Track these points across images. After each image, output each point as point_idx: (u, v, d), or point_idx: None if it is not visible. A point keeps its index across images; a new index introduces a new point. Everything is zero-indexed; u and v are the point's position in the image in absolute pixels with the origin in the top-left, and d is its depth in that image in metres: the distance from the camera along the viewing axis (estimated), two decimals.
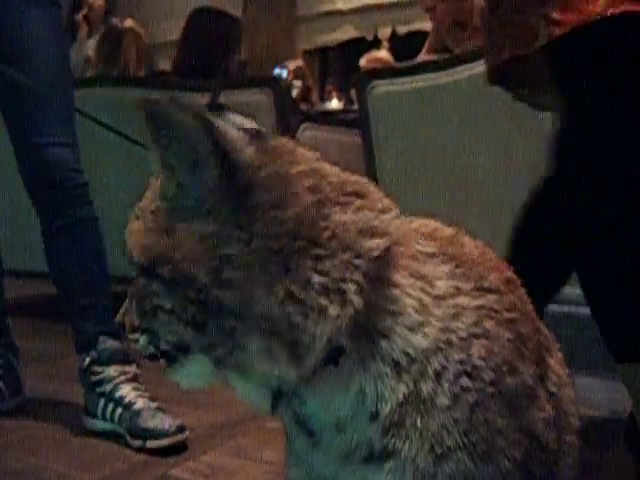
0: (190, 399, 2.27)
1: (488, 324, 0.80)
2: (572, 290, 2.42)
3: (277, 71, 4.33)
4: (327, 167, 0.79)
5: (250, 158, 0.73)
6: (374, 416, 0.76)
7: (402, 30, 6.88)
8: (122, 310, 0.83)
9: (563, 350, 1.00)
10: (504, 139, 2.61)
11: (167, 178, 0.75)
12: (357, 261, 0.74)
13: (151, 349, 0.80)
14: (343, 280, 0.73)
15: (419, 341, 0.77)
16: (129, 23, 3.52)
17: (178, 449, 1.87)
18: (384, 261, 0.76)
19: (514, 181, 2.59)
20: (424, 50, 3.42)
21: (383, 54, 5.61)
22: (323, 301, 0.72)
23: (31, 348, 2.78)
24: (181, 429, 1.89)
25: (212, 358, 0.75)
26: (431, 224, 0.88)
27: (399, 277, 0.77)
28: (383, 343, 0.75)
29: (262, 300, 0.71)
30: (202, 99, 3.24)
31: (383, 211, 0.79)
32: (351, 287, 0.73)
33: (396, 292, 0.77)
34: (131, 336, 0.81)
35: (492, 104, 2.60)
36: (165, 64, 4.66)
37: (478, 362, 0.78)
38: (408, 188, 2.72)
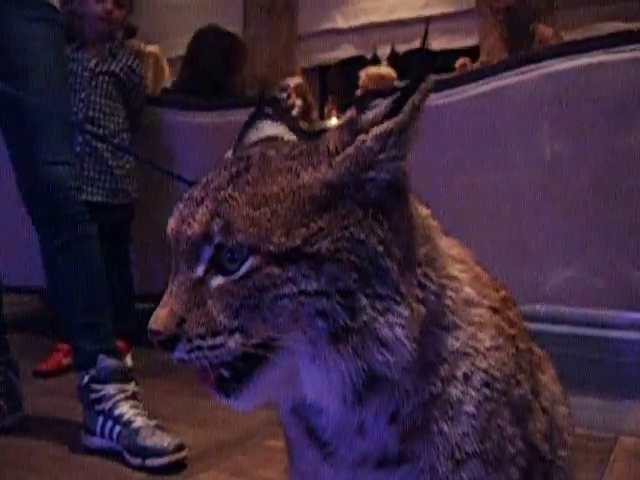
0: (189, 417, 2.28)
1: (500, 339, 0.82)
2: (568, 310, 2.45)
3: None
4: None
5: None
6: (393, 417, 0.77)
7: (401, 49, 6.92)
8: (170, 321, 0.72)
9: (559, 370, 1.01)
10: (502, 158, 2.63)
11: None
12: (433, 254, 0.79)
13: (241, 350, 0.72)
14: (426, 275, 0.77)
15: (451, 342, 0.79)
16: (152, 48, 3.66)
17: (177, 467, 1.87)
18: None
19: (512, 198, 2.61)
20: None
21: (384, 70, 5.61)
22: (420, 294, 0.76)
23: (31, 365, 2.78)
24: (180, 447, 1.89)
25: (337, 330, 0.71)
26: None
27: (435, 275, 0.79)
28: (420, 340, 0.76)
29: (409, 278, 0.74)
30: (204, 117, 3.28)
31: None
32: (429, 284, 0.77)
33: (435, 290, 0.78)
34: (210, 341, 0.72)
35: (490, 124, 2.63)
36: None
37: (496, 373, 0.80)
38: None
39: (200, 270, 0.74)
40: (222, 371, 0.75)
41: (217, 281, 0.73)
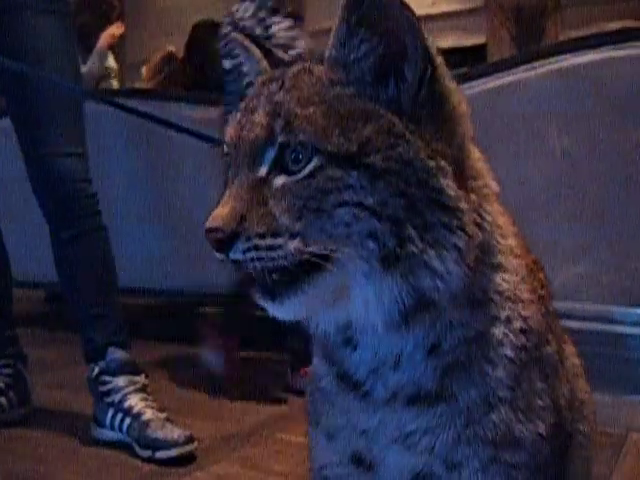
0: (198, 411, 2.28)
1: (534, 296, 0.83)
2: (577, 306, 2.44)
3: None
4: None
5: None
6: (435, 347, 0.76)
7: None
8: (230, 218, 0.71)
9: None
10: (511, 154, 2.62)
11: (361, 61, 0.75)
12: (486, 190, 0.79)
13: (298, 256, 0.70)
14: (481, 206, 0.77)
15: (499, 282, 0.79)
16: None
17: (187, 460, 1.87)
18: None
19: (522, 194, 2.61)
20: None
21: None
22: (478, 219, 0.75)
23: (40, 357, 2.78)
24: (190, 440, 1.89)
25: (388, 255, 0.71)
26: None
27: (490, 209, 0.79)
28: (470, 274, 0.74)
29: (464, 201, 0.73)
30: (204, 113, 3.27)
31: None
32: (484, 215, 0.77)
33: (490, 221, 0.78)
34: (269, 241, 0.70)
35: (499, 119, 2.63)
36: None
37: (532, 324, 0.80)
38: None
39: (263, 171, 0.73)
40: (273, 276, 0.72)
41: (280, 180, 0.72)
